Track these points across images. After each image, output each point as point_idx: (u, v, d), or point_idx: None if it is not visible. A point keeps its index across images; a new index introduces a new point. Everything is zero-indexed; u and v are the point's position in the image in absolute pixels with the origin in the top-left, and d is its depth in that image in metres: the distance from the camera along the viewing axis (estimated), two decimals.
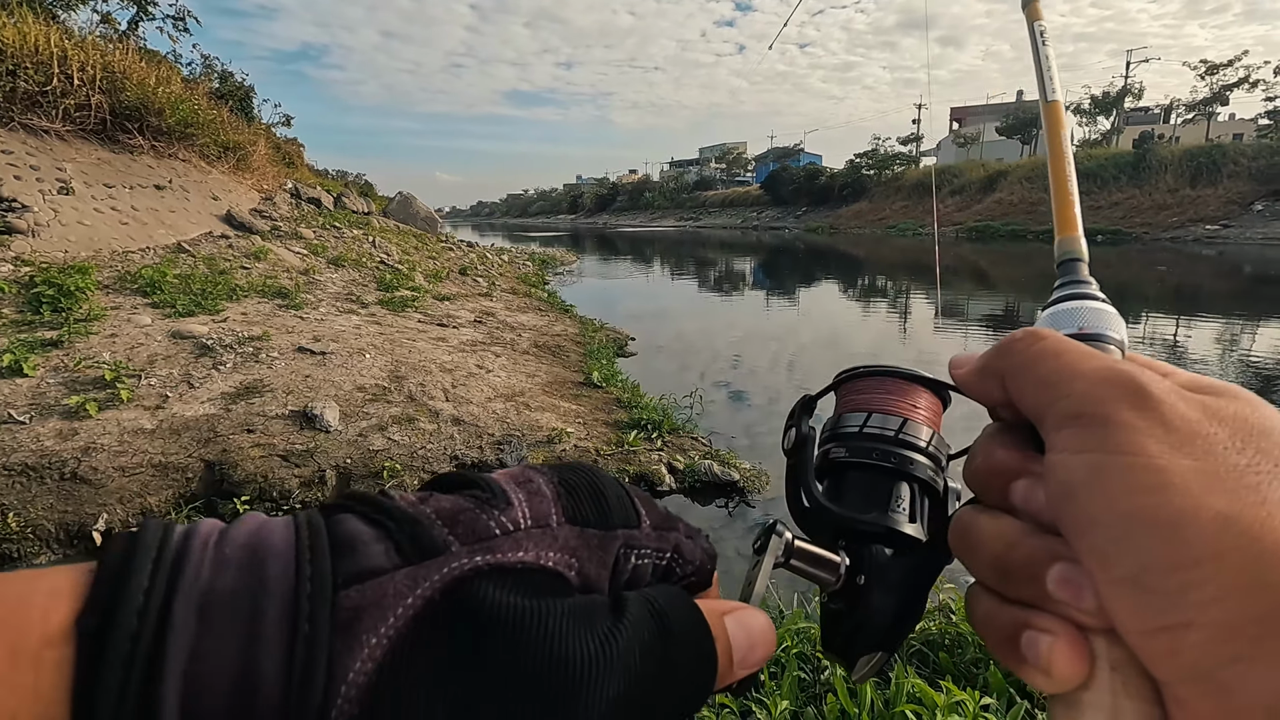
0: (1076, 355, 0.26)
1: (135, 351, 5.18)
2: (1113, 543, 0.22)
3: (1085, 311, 0.33)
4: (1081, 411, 0.24)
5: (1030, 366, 0.27)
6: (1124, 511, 0.22)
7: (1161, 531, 0.21)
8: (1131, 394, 0.23)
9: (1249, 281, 18.01)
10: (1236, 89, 44.24)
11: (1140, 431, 0.23)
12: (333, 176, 30.33)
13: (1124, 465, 0.22)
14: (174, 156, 10.89)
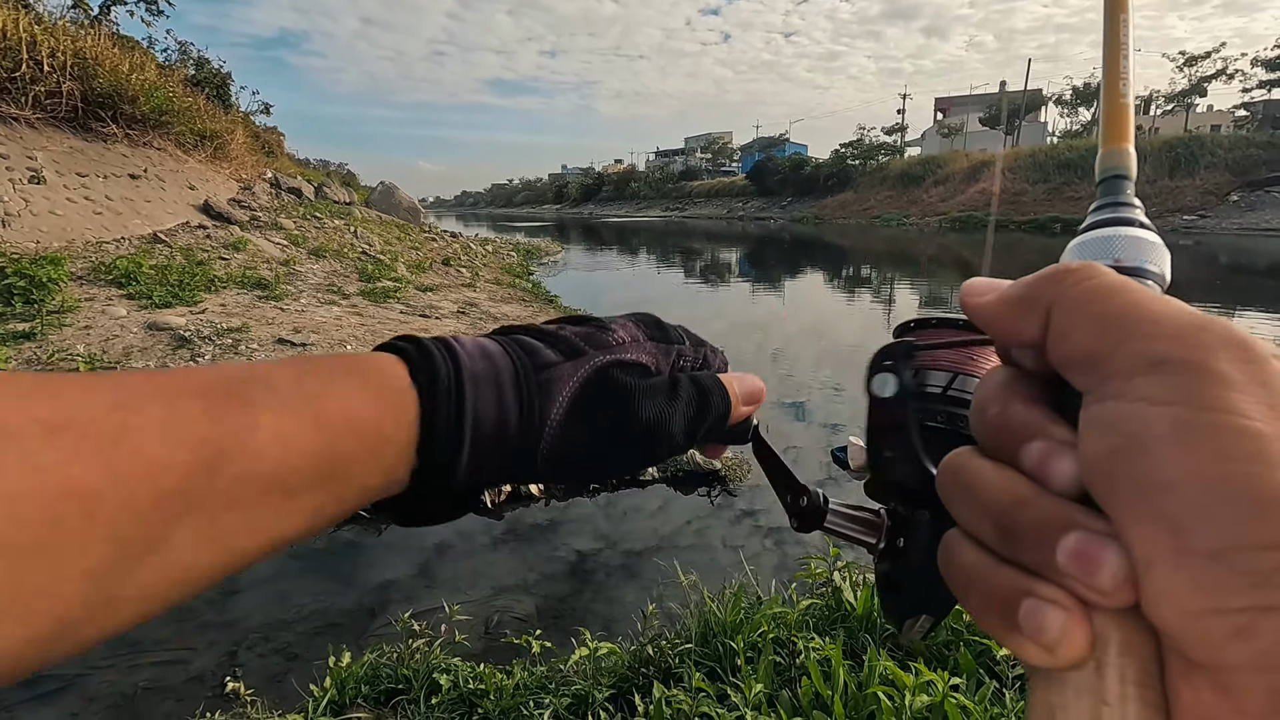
0: (1149, 296, 0.22)
1: (110, 344, 5.11)
2: (1194, 510, 0.19)
3: (1122, 240, 0.28)
4: (1167, 357, 0.20)
5: (1090, 301, 0.23)
6: (1215, 477, 0.19)
7: (1257, 506, 0.18)
8: (1235, 345, 0.20)
9: (1225, 271, 18.32)
10: (1214, 80, 44.88)
11: (1239, 388, 0.19)
12: (314, 166, 29.93)
13: (1220, 424, 0.19)
14: (149, 145, 10.70)
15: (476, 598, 3.15)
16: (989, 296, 0.26)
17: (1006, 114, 51.18)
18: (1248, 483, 0.18)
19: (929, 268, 20.39)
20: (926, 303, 13.12)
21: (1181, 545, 0.19)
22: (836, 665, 1.75)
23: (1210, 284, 15.51)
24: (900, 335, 0.36)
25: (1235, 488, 0.18)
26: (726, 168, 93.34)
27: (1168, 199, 34.44)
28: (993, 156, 45.73)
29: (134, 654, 2.81)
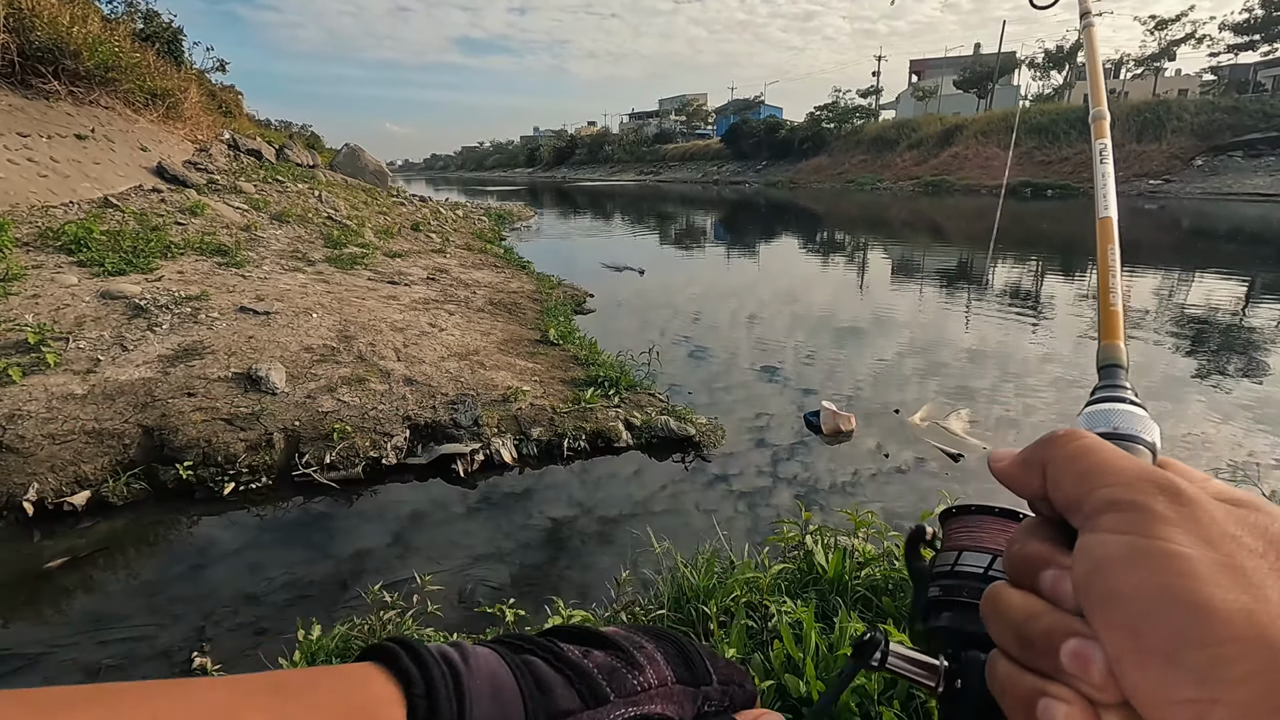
0: (1114, 454, 0.29)
1: (61, 313, 4.90)
2: (1144, 616, 0.24)
3: (1120, 413, 0.35)
4: (1120, 499, 0.26)
5: (1071, 460, 0.29)
6: (1157, 587, 0.24)
7: (1192, 611, 0.23)
8: (1167, 491, 0.26)
9: (1187, 234, 18.70)
10: (1183, 45, 45.17)
11: (1173, 523, 0.25)
12: (275, 127, 28.80)
13: (1158, 549, 0.24)
14: (95, 103, 10.17)
15: (450, 567, 3.14)
16: (1004, 461, 0.32)
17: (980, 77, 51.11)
18: (1185, 593, 0.23)
19: (902, 232, 20.48)
20: (898, 269, 13.20)
21: (1139, 645, 0.23)
22: (808, 628, 1.77)
23: (1173, 247, 15.83)
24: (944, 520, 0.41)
25: (1174, 597, 0.23)
26: (701, 130, 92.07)
27: (1135, 163, 34.89)
28: (965, 120, 45.71)
29: (98, 630, 2.75)
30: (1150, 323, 7.85)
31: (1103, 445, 0.29)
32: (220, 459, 3.80)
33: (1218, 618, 0.22)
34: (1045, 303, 9.22)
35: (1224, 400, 5.29)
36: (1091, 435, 0.30)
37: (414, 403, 4.43)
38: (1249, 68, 46.89)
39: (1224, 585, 0.23)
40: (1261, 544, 0.25)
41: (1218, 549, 0.24)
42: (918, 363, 6.34)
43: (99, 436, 3.77)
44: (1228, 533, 0.25)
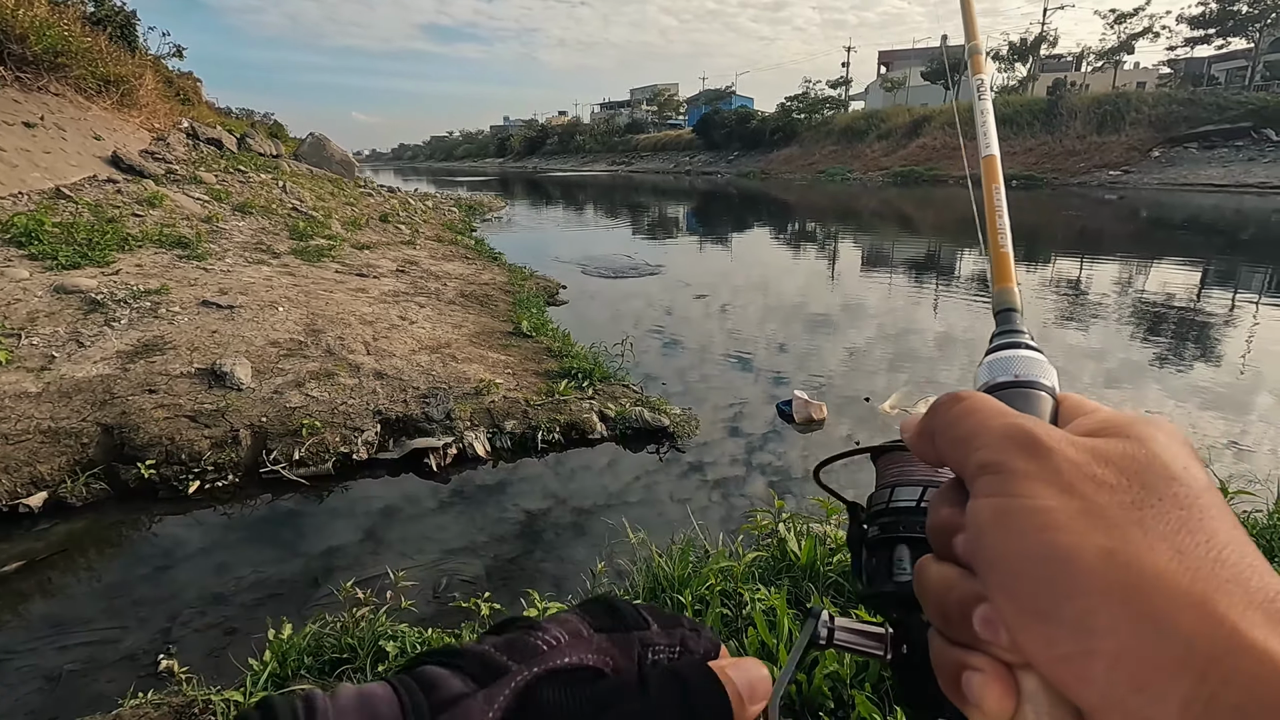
0: (987, 413, 0.28)
1: (12, 308, 4.73)
2: (1015, 577, 0.24)
3: (1020, 360, 0.35)
4: (987, 462, 0.27)
5: (951, 426, 0.29)
6: (1022, 549, 0.24)
7: (1056, 565, 0.23)
8: (1026, 445, 0.26)
9: (1145, 224, 19.23)
10: (1142, 38, 46.26)
11: (1033, 477, 0.25)
12: (236, 116, 27.96)
13: (1020, 507, 0.25)
14: (44, 90, 9.79)
15: (424, 562, 3.11)
16: (910, 432, 0.32)
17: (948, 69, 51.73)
18: (1047, 548, 0.23)
19: (871, 222, 20.71)
20: (868, 259, 13.36)
21: (1018, 607, 0.24)
22: (781, 614, 1.79)
23: (1131, 236, 16.26)
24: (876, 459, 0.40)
25: (1039, 553, 0.23)
26: (673, 120, 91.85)
27: (1095, 155, 35.70)
28: (932, 111, 46.30)
29: (58, 635, 2.67)
30: (1110, 309, 8.07)
31: (980, 406, 0.29)
32: (184, 457, 3.71)
33: (1079, 567, 0.23)
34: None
35: (1179, 384, 5.47)
36: (973, 396, 0.30)
37: (385, 397, 4.36)
38: (1203, 61, 48.26)
39: (1082, 531, 0.23)
40: (1123, 478, 0.25)
41: (1077, 495, 0.24)
42: (887, 351, 6.44)
43: (55, 436, 3.65)
44: (1087, 475, 0.25)
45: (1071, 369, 5.84)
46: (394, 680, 0.27)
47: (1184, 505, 0.24)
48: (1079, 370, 5.82)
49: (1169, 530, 0.23)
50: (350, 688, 0.27)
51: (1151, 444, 0.26)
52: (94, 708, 2.23)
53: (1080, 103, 38.95)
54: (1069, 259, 12.66)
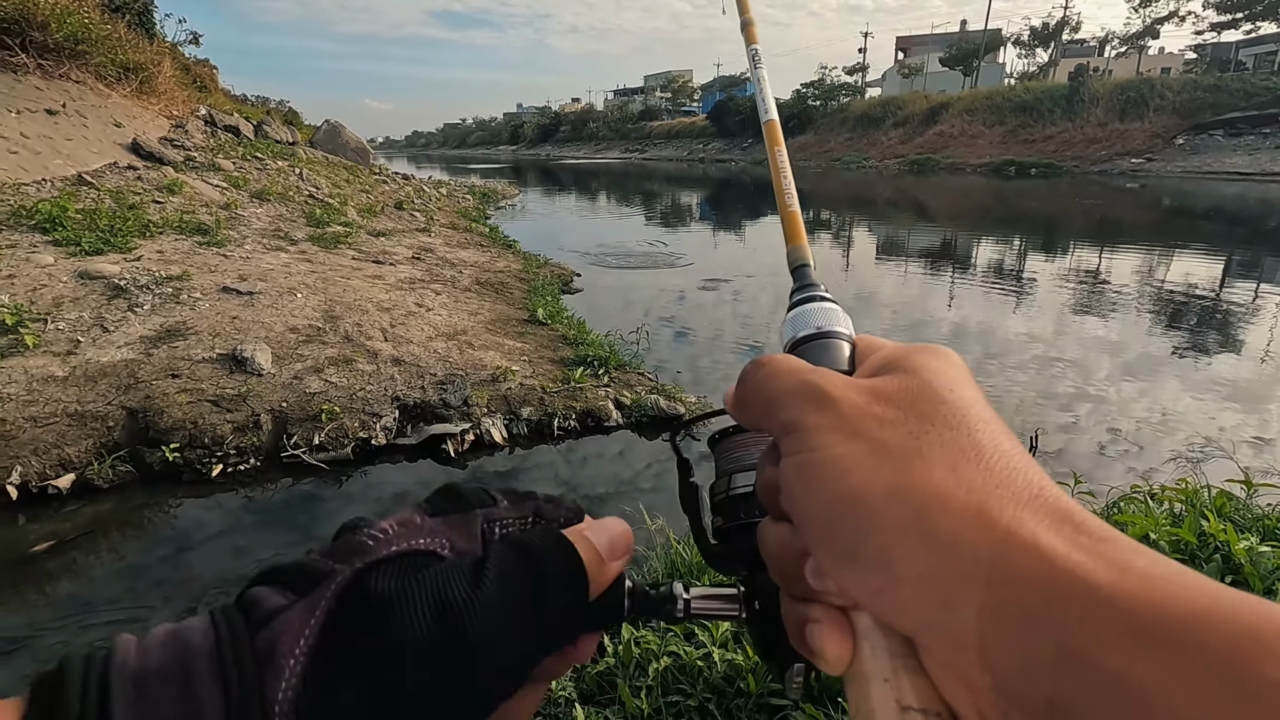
0: (783, 374, 0.30)
1: (38, 294, 4.80)
2: (821, 527, 0.25)
3: (818, 312, 0.36)
4: (786, 422, 0.28)
5: (756, 392, 0.30)
6: (822, 498, 0.25)
7: (852, 509, 0.24)
8: (814, 399, 0.28)
9: (1166, 214, 18.90)
10: (1167, 22, 45.25)
11: (823, 429, 0.26)
12: (251, 103, 28.10)
13: (816, 459, 0.26)
14: (65, 77, 9.88)
15: None
16: (729, 402, 0.33)
17: (966, 54, 50.95)
18: (841, 494, 0.25)
19: (886, 211, 20.52)
20: (882, 248, 13.25)
21: (830, 554, 0.25)
22: None
23: (1152, 226, 16.00)
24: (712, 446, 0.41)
25: (836, 501, 0.25)
26: (687, 108, 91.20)
27: (1117, 142, 35.08)
28: (950, 97, 45.60)
29: (87, 613, 2.74)
30: (1129, 300, 7.96)
31: (778, 368, 0.30)
32: (207, 440, 3.77)
33: (872, 506, 0.24)
34: (1031, 280, 9.31)
35: (1199, 377, 5.40)
36: (772, 360, 0.31)
37: (402, 383, 4.41)
38: (1230, 46, 47.14)
39: (870, 470, 0.25)
40: (900, 411, 0.26)
41: (863, 437, 0.26)
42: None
43: (82, 419, 3.72)
44: (869, 415, 0.26)
45: (1085, 361, 5.78)
46: (213, 610, 0.26)
47: (953, 425, 0.26)
48: (1095, 362, 5.76)
49: (943, 452, 0.25)
50: (165, 625, 0.25)
51: (922, 372, 0.28)
52: None
53: (1102, 89, 38.21)
54: (1087, 249, 12.49)
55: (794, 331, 0.36)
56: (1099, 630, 0.20)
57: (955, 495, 0.23)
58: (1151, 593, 0.20)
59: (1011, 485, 0.24)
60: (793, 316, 0.37)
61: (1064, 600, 0.21)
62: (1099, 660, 0.19)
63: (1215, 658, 0.18)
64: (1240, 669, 0.18)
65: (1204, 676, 0.18)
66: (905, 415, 0.26)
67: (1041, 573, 0.21)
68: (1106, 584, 0.20)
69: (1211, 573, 1.76)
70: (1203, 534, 1.91)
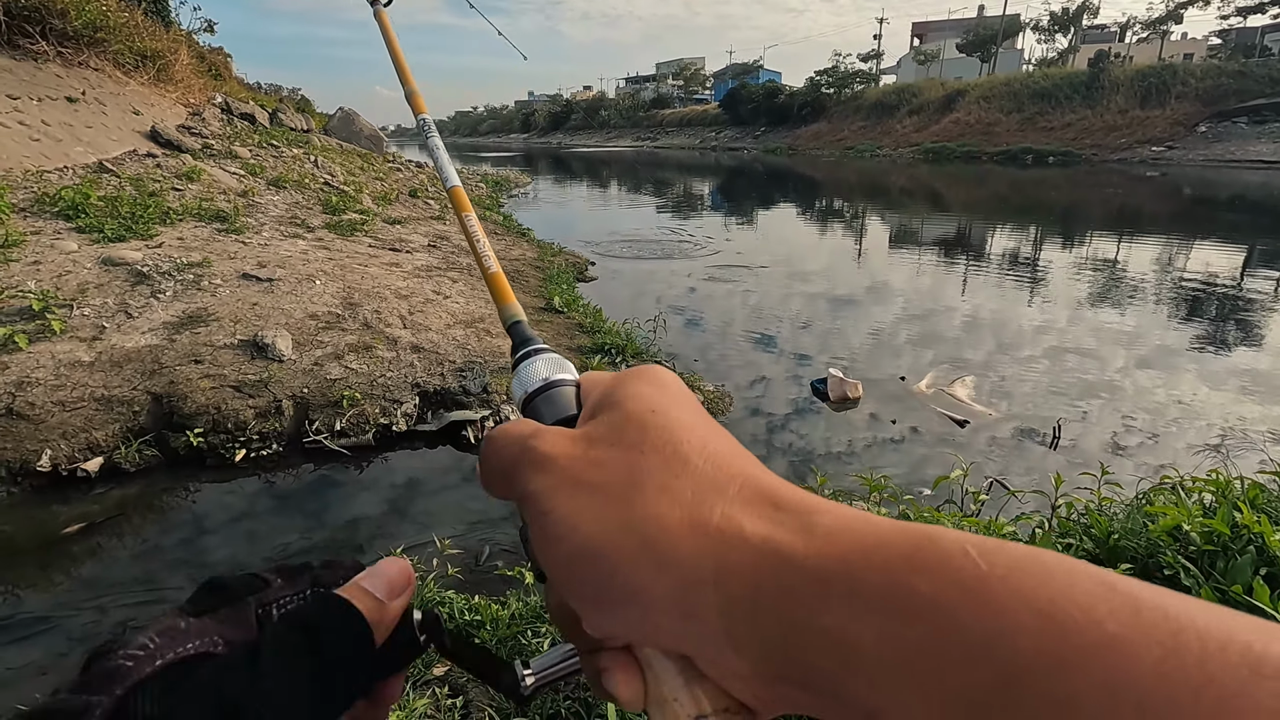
0: (508, 445, 0.30)
1: (63, 280, 4.86)
2: (570, 581, 0.26)
3: (542, 364, 0.37)
4: (520, 493, 0.28)
5: (492, 469, 0.31)
6: (565, 554, 0.26)
7: (590, 557, 0.25)
8: (533, 464, 0.28)
9: (1187, 203, 18.60)
10: (1191, 7, 44.29)
11: (549, 490, 0.27)
12: (265, 91, 28.14)
13: (549, 521, 0.27)
14: (84, 65, 9.94)
15: (465, 532, 3.18)
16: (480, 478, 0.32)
17: (983, 40, 50.17)
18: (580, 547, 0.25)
19: (900, 200, 20.32)
20: (895, 238, 13.14)
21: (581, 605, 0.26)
22: None
23: (1172, 215, 15.75)
24: None
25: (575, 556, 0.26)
26: (699, 95, 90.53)
27: (1137, 130, 34.49)
28: (967, 84, 44.94)
29: (118, 594, 2.79)
30: (1148, 291, 7.86)
31: (501, 442, 0.30)
32: (230, 426, 3.82)
33: (603, 549, 0.25)
34: (1046, 270, 9.21)
35: (1217, 367, 5.33)
36: (499, 433, 0.31)
37: (422, 370, 4.43)
38: (1256, 31, 46.09)
39: (595, 516, 0.26)
40: (613, 449, 0.27)
41: (583, 485, 0.26)
42: (916, 330, 6.36)
43: (109, 404, 3.78)
44: (585, 462, 0.27)
45: (1101, 351, 5.72)
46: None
47: (659, 447, 0.27)
48: (1112, 352, 5.71)
49: (655, 475, 0.26)
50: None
51: (626, 403, 0.29)
52: None
53: (1123, 75, 37.54)
54: (1105, 239, 12.32)
55: (523, 389, 0.36)
56: (801, 596, 0.22)
57: (670, 514, 0.25)
58: (834, 547, 0.22)
59: (718, 485, 0.25)
60: (518, 374, 0.38)
61: (772, 578, 0.23)
62: (807, 621, 0.22)
63: (877, 588, 0.21)
64: (895, 591, 0.20)
65: (875, 608, 0.20)
66: (616, 452, 0.27)
67: (751, 560, 0.23)
68: (800, 551, 0.23)
69: (1245, 565, 1.74)
70: (1235, 525, 1.89)
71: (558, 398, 0.35)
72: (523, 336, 0.41)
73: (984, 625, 0.19)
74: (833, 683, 0.21)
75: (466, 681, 1.94)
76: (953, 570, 0.20)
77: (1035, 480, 3.61)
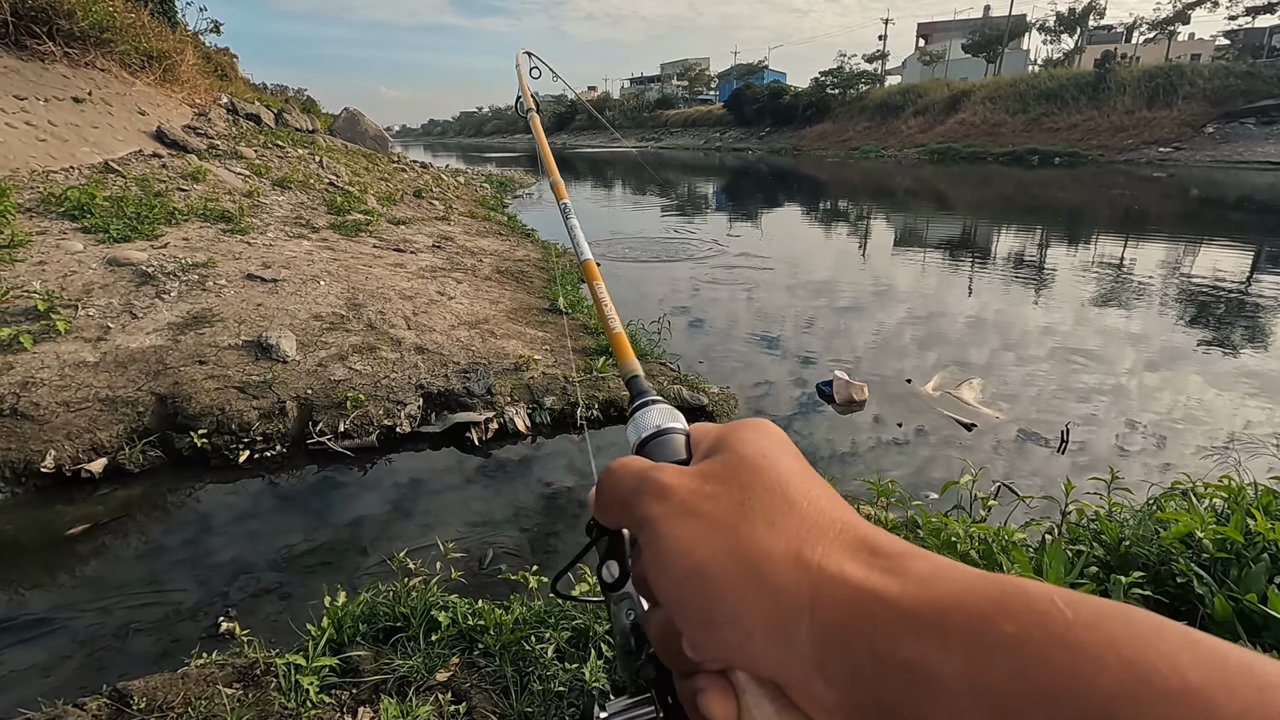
0: (629, 476, 0.33)
1: (68, 280, 4.87)
2: (680, 602, 0.29)
3: (655, 413, 0.41)
4: (638, 519, 0.31)
5: (611, 496, 0.34)
6: (675, 577, 0.29)
7: (699, 579, 0.28)
8: (653, 493, 0.31)
9: (1195, 204, 18.49)
10: (1198, 7, 44.04)
11: (666, 516, 0.30)
12: (271, 91, 28.22)
13: (665, 545, 0.29)
14: (91, 65, 9.97)
15: (468, 534, 3.16)
16: (594, 507, 0.36)
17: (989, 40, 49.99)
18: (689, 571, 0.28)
19: (905, 201, 20.26)
20: (900, 239, 13.10)
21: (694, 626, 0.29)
22: None
23: (1180, 216, 15.66)
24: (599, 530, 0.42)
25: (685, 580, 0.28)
26: (704, 95, 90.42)
27: (1144, 130, 34.29)
28: (973, 85, 44.75)
29: (122, 595, 2.78)
30: (1155, 292, 7.81)
31: (624, 472, 0.34)
32: (234, 427, 3.81)
33: (714, 571, 0.28)
34: (1053, 271, 9.16)
35: (1224, 369, 5.29)
36: (620, 464, 0.35)
37: (426, 371, 4.42)
38: (1264, 31, 45.78)
39: (709, 543, 0.28)
40: (725, 486, 0.30)
41: (699, 515, 0.29)
42: (921, 331, 6.33)
43: (113, 404, 3.78)
44: (700, 494, 0.30)
45: (1108, 353, 5.68)
46: None
47: (769, 487, 0.29)
48: (1118, 354, 5.66)
49: (764, 512, 0.28)
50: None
51: (739, 447, 0.32)
52: (160, 664, 2.33)
53: (1130, 76, 37.33)
54: (1112, 240, 12.26)
55: (638, 434, 0.40)
56: (892, 632, 0.24)
57: (776, 546, 0.27)
58: (926, 592, 0.24)
59: (820, 527, 0.28)
60: (634, 421, 0.41)
61: (866, 614, 0.25)
62: (896, 655, 0.23)
63: (965, 628, 0.22)
64: (982, 632, 0.22)
65: (962, 647, 0.22)
66: (729, 488, 0.30)
67: (846, 595, 0.25)
68: (895, 593, 0.25)
69: (1259, 573, 1.72)
70: (1249, 532, 1.86)
71: (669, 443, 0.38)
72: (639, 389, 0.46)
73: (1069, 666, 0.20)
74: (917, 715, 0.23)
75: (470, 688, 1.92)
76: (1038, 614, 0.22)
77: (1042, 484, 3.58)
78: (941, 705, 0.22)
